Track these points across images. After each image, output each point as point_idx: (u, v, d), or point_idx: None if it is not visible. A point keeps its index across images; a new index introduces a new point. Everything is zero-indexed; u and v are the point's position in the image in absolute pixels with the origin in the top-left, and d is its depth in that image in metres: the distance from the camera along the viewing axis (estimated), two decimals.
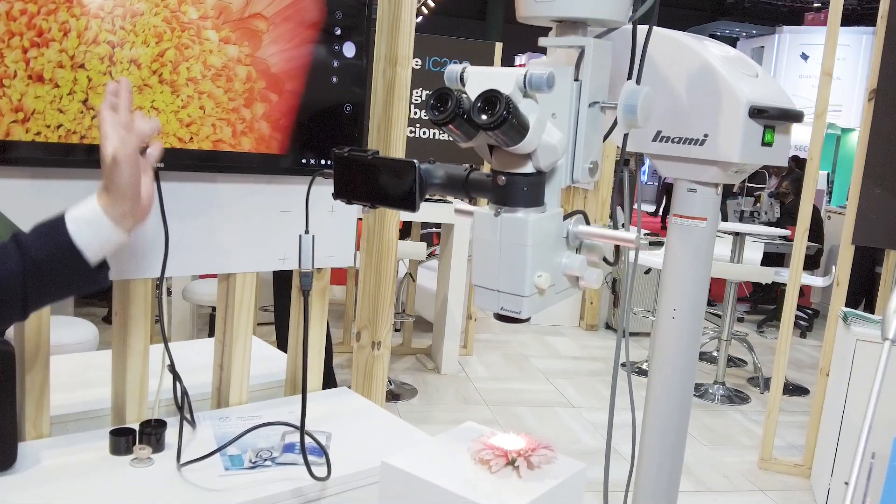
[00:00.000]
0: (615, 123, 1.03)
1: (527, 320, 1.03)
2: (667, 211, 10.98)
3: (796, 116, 1.21)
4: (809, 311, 6.35)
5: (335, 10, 1.71)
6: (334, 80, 1.75)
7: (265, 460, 1.53)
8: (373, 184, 1.06)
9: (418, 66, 4.82)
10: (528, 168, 0.97)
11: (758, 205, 5.91)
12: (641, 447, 1.40)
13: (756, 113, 1.18)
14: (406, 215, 4.88)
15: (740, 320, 6.49)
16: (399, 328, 5.33)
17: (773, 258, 5.54)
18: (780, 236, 5.07)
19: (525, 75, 0.90)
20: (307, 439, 1.54)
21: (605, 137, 1.19)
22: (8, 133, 1.34)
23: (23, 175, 1.42)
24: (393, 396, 4.29)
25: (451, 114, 0.88)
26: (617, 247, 1.10)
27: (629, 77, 1.08)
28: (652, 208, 16.53)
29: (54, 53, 1.36)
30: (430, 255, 5.34)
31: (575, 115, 1.02)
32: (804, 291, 5.59)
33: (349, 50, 1.75)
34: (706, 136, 1.23)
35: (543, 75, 0.89)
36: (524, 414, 4.16)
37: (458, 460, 1.11)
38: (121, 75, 1.42)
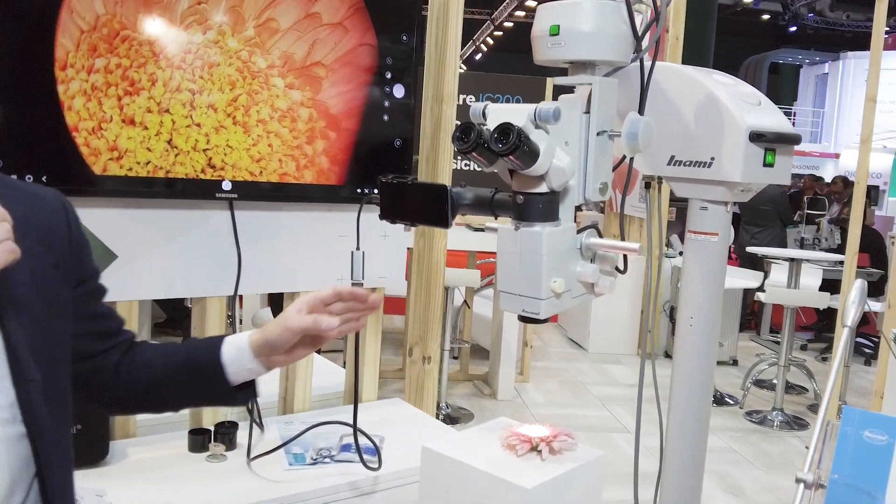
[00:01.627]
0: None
1: (545, 321, 1.18)
2: None
3: (794, 139, 1.34)
4: (875, 339, 6.23)
5: (386, 56, 1.91)
6: (386, 118, 1.95)
7: (325, 458, 1.70)
8: (412, 205, 1.24)
9: (471, 103, 5.03)
10: (543, 188, 1.13)
11: (819, 232, 5.88)
12: (666, 441, 1.50)
13: (756, 137, 1.31)
14: (462, 243, 5.07)
15: (803, 348, 6.40)
16: (456, 355, 5.48)
17: (833, 284, 5.50)
18: (838, 262, 5.04)
19: (535, 110, 1.07)
20: (363, 440, 1.72)
21: (619, 164, 1.35)
22: (105, 169, 1.58)
23: (116, 205, 1.65)
24: (450, 420, 4.43)
25: (473, 143, 1.06)
26: (625, 256, 1.25)
27: (640, 109, 1.24)
28: None
29: (144, 100, 1.60)
30: (487, 285, 5.49)
31: (585, 142, 1.18)
32: (869, 318, 5.51)
33: (399, 91, 1.96)
34: (713, 159, 1.37)
35: (550, 109, 1.06)
36: (579, 438, 4.23)
37: (488, 446, 1.26)
38: (201, 117, 1.65)
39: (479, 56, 21.40)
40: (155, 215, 1.67)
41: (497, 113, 1.12)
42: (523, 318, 1.20)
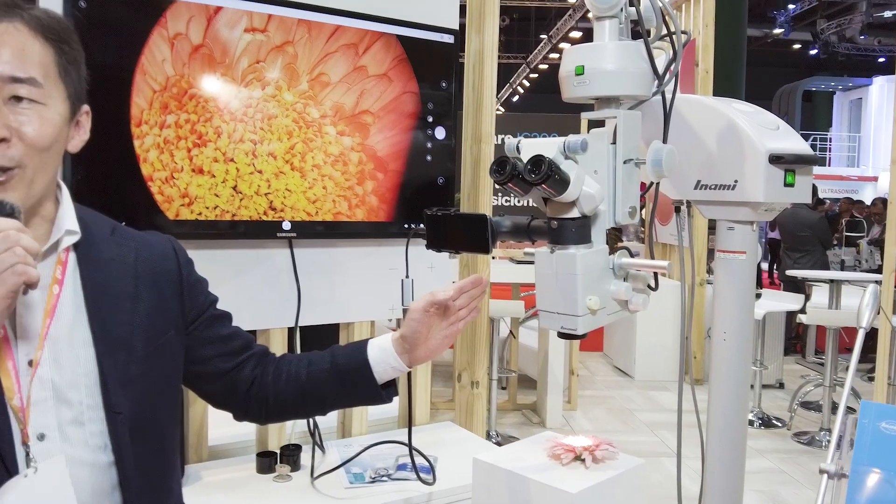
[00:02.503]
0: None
1: (583, 336, 1.24)
2: (772, 264, 10.71)
3: (812, 160, 1.39)
4: None
5: (427, 102, 2.01)
6: (429, 158, 2.04)
7: (382, 476, 1.77)
8: (455, 234, 1.31)
9: (505, 143, 5.13)
10: (575, 213, 1.20)
11: (859, 254, 5.78)
12: (707, 450, 1.52)
13: (775, 159, 1.36)
14: (505, 275, 5.13)
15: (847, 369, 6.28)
16: (504, 385, 5.50)
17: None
18: (877, 282, 4.94)
19: (564, 142, 1.14)
20: (418, 458, 1.77)
21: (647, 190, 1.41)
22: (177, 214, 1.69)
23: (188, 246, 1.75)
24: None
25: (508, 175, 1.13)
26: (655, 274, 1.30)
27: (663, 138, 1.30)
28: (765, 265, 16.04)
29: (211, 151, 1.72)
30: (531, 316, 5.52)
31: (613, 170, 1.24)
32: None
33: (440, 133, 2.05)
34: (736, 181, 1.42)
35: (578, 141, 1.13)
36: None
37: (535, 457, 1.31)
38: (263, 164, 1.76)
39: (516, 98, 21.64)
40: (223, 255, 1.78)
41: (529, 147, 1.19)
42: (562, 335, 1.25)
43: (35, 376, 0.93)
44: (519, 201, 5.15)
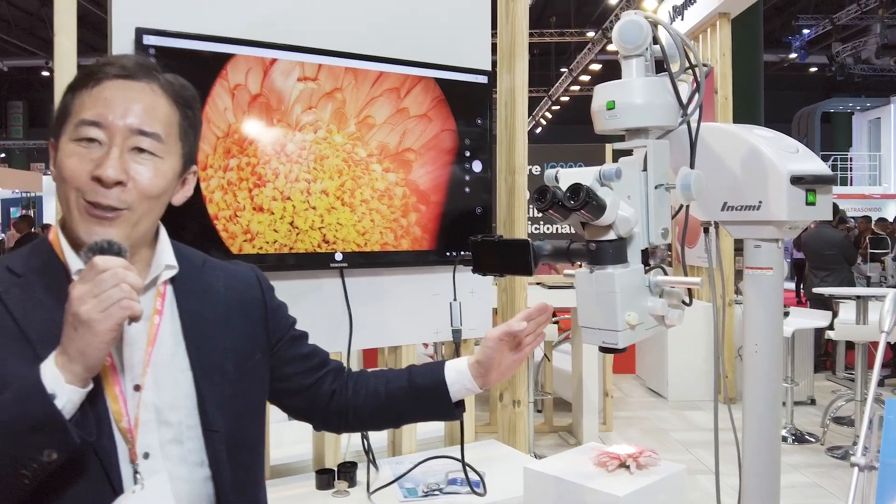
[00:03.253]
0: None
1: (623, 350, 1.30)
2: (798, 284, 10.58)
3: (831, 180, 1.45)
4: None
5: (465, 138, 2.11)
6: (467, 190, 2.13)
7: (434, 491, 1.82)
8: (499, 259, 1.39)
9: (537, 173, 5.23)
10: (611, 235, 1.26)
11: (884, 270, 5.73)
12: (743, 456, 1.56)
13: (797, 180, 1.42)
14: (538, 301, 5.16)
15: (881, 384, 6.17)
16: (540, 408, 5.50)
17: None
18: None
19: (600, 171, 1.22)
20: (465, 476, 1.83)
21: (678, 212, 1.47)
22: (240, 249, 1.79)
23: None
24: None
25: (549, 203, 1.21)
26: (689, 290, 1.36)
27: (691, 164, 1.37)
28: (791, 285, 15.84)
29: (269, 190, 1.82)
30: (564, 339, 5.55)
31: (645, 195, 1.31)
32: None
33: (477, 166, 2.14)
34: (760, 202, 1.48)
35: (612, 170, 1.21)
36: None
37: (582, 464, 1.37)
38: (316, 201, 1.86)
39: (539, 130, 21.79)
40: (281, 285, 1.85)
41: (567, 176, 1.27)
42: (604, 349, 1.31)
43: (141, 400, 1.01)
44: (548, 228, 5.22)
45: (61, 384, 0.88)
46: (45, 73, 20.75)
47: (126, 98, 1.01)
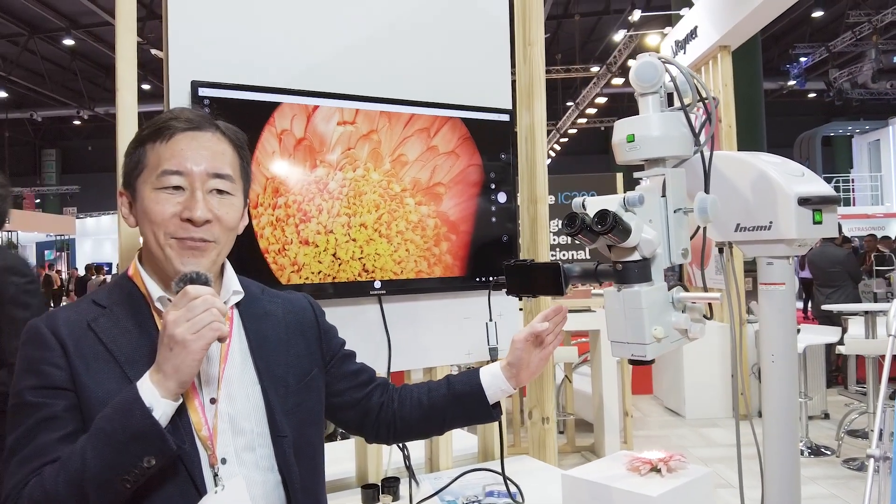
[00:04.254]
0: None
1: (652, 362, 1.37)
2: (806, 302, 10.54)
3: (835, 200, 1.52)
4: None
5: (490, 172, 2.20)
6: (493, 219, 2.21)
7: (473, 502, 1.88)
8: (532, 281, 1.46)
9: (552, 202, 5.32)
10: (636, 256, 1.34)
11: (890, 286, 5.73)
12: (764, 468, 1.61)
13: (804, 201, 1.50)
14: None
15: (892, 397, 6.14)
16: (562, 430, 5.52)
17: None
18: None
19: (624, 198, 1.30)
20: (506, 487, 1.89)
21: (695, 234, 1.54)
22: (289, 279, 1.88)
23: None
24: None
25: (578, 228, 1.29)
26: (710, 305, 1.43)
27: (705, 189, 1.45)
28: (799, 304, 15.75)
29: (314, 225, 1.91)
30: (583, 361, 5.58)
31: (665, 219, 1.39)
32: None
33: (502, 197, 2.23)
34: (771, 222, 1.55)
35: (636, 196, 1.29)
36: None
37: (616, 469, 1.43)
38: (356, 234, 1.95)
39: (548, 161, 21.94)
40: (326, 311, 1.95)
41: (593, 203, 1.35)
42: (633, 362, 1.38)
43: (217, 412, 1.09)
44: (564, 255, 5.33)
45: (157, 398, 0.97)
46: (77, 122, 21.23)
47: (199, 147, 1.12)
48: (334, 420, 1.34)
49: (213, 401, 1.09)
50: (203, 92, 1.77)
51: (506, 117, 2.24)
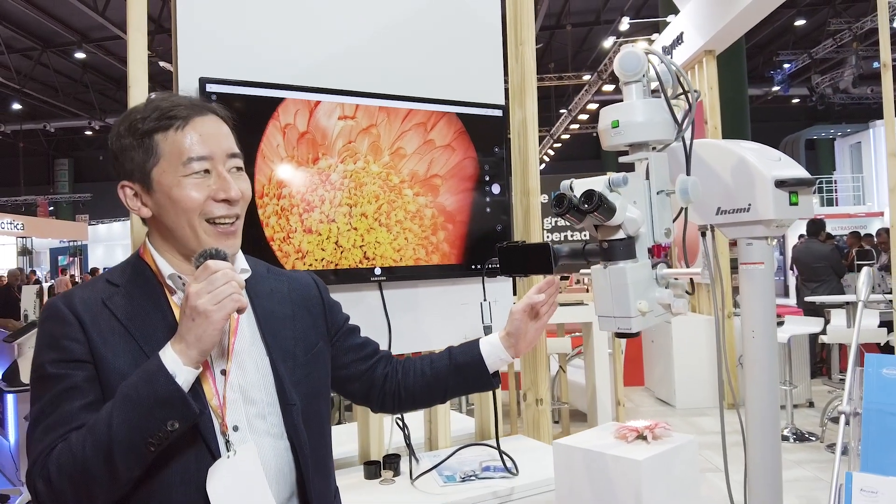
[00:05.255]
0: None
1: (637, 334, 1.39)
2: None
3: (810, 182, 1.55)
4: None
5: (484, 165, 2.23)
6: (488, 210, 2.24)
7: (470, 476, 1.90)
8: (524, 261, 1.49)
9: (545, 201, 5.34)
10: (621, 235, 1.37)
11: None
12: (747, 432, 1.63)
13: (780, 184, 1.52)
14: (552, 317, 5.22)
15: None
16: (557, 419, 5.53)
17: (889, 325, 5.37)
18: (888, 301, 4.94)
19: (609, 178, 1.33)
20: (501, 460, 1.91)
21: (678, 215, 1.57)
22: (293, 266, 1.90)
23: None
24: None
25: (566, 207, 1.32)
26: (692, 280, 1.45)
27: (687, 172, 1.48)
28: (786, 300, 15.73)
29: (317, 214, 1.94)
30: (577, 354, 5.60)
31: (649, 200, 1.42)
32: None
33: (496, 189, 2.25)
34: (749, 205, 1.58)
35: (620, 177, 1.32)
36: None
37: (604, 437, 1.45)
38: (357, 223, 1.98)
39: (543, 166, 21.98)
40: None
41: (581, 185, 1.38)
42: (619, 335, 1.41)
43: (227, 382, 1.11)
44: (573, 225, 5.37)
45: (180, 366, 0.99)
46: (89, 133, 21.26)
47: (214, 131, 1.14)
48: (342, 392, 1.36)
49: (223, 372, 1.11)
50: (210, 88, 1.79)
51: (499, 112, 2.27)
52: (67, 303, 1.10)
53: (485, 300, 1.65)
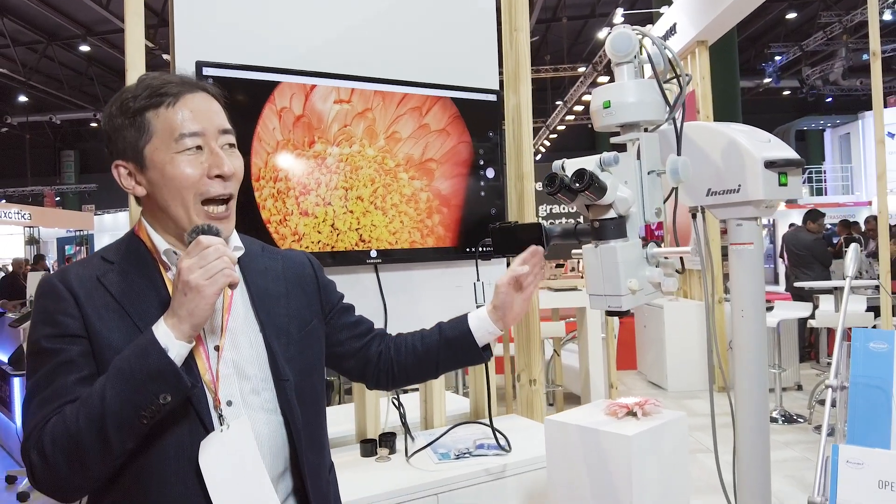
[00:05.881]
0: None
1: (627, 313, 1.37)
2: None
3: (799, 163, 1.52)
4: None
5: (479, 149, 2.20)
6: (482, 194, 2.22)
7: (464, 454, 1.89)
8: (516, 240, 1.47)
9: (540, 189, 5.31)
10: (612, 214, 1.35)
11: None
12: (736, 408, 1.61)
13: (769, 164, 1.50)
14: (546, 303, 5.22)
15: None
16: (552, 402, 5.54)
17: (876, 310, 5.37)
18: (875, 286, 4.94)
19: (600, 158, 1.31)
20: (493, 437, 1.90)
21: (669, 195, 1.55)
22: (290, 248, 1.88)
23: None
24: None
25: (557, 187, 1.30)
26: (681, 259, 1.44)
27: (678, 152, 1.46)
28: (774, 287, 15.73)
29: (313, 198, 1.92)
30: (571, 339, 5.59)
31: (640, 179, 1.40)
32: None
33: (490, 173, 2.23)
34: (739, 185, 1.55)
35: (611, 156, 1.30)
36: None
37: (595, 414, 1.44)
38: (353, 206, 1.96)
39: (538, 157, 21.92)
40: None
41: (572, 164, 1.36)
42: (610, 313, 1.39)
43: (221, 358, 1.09)
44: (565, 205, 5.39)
45: (172, 340, 0.98)
46: (94, 125, 21.15)
47: (205, 107, 1.11)
48: (337, 368, 1.34)
49: (216, 348, 1.10)
50: (207, 71, 1.77)
51: (493, 97, 2.24)
52: (62, 279, 1.08)
53: (478, 280, 1.64)
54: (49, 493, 1.00)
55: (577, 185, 1.28)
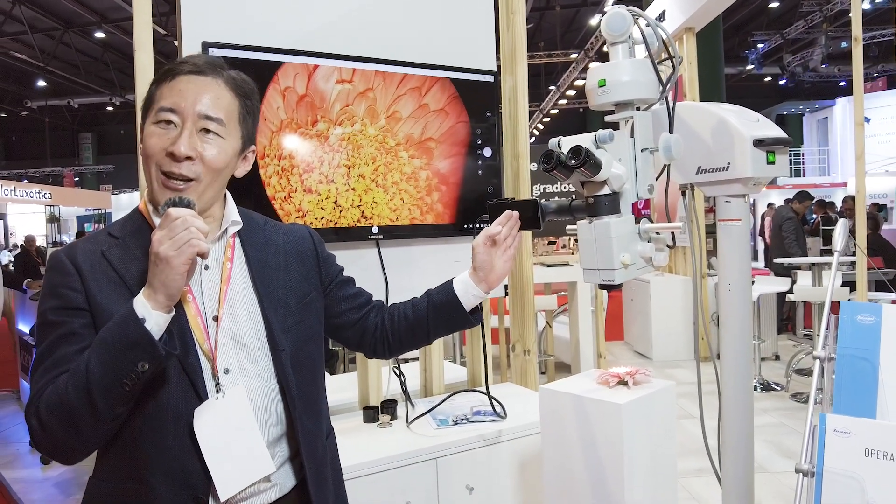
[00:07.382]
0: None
1: (620, 286, 1.34)
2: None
3: (786, 142, 1.48)
4: None
5: (476, 129, 2.15)
6: (480, 172, 2.17)
7: (462, 420, 1.87)
8: None
9: (534, 169, 5.25)
10: (606, 190, 1.30)
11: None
12: (721, 374, 1.59)
13: (758, 143, 1.46)
14: (539, 278, 5.19)
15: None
16: (544, 370, 5.54)
17: (853, 286, 5.35)
18: (851, 263, 4.91)
19: (596, 135, 1.26)
20: (490, 404, 1.88)
21: (661, 173, 1.50)
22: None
23: None
24: None
25: (554, 164, 1.25)
26: (672, 234, 1.40)
27: (670, 130, 1.41)
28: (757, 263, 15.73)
29: (316, 175, 1.87)
30: (562, 311, 5.58)
31: (633, 157, 1.35)
32: None
33: (488, 152, 2.18)
34: (728, 163, 1.51)
35: (606, 133, 1.25)
36: None
37: (588, 383, 1.41)
38: (355, 183, 1.91)
39: (532, 140, 21.77)
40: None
41: (568, 142, 1.31)
42: (603, 287, 1.35)
43: (219, 328, 1.06)
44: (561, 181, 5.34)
45: (149, 311, 0.95)
46: (110, 108, 20.93)
47: (196, 90, 1.07)
48: (336, 338, 1.31)
49: (215, 318, 1.07)
50: (212, 52, 1.71)
51: (490, 78, 2.18)
52: (69, 254, 1.07)
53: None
54: (49, 455, 1.01)
55: (574, 161, 1.23)
